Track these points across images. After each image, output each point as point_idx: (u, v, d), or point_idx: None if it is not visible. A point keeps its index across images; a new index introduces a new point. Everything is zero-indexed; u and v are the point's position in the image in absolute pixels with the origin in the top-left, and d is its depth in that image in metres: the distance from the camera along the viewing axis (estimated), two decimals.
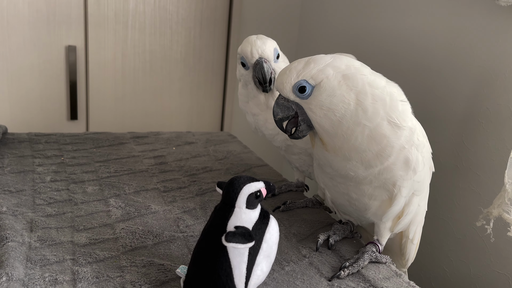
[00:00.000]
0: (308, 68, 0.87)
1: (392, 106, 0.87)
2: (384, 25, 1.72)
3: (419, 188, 0.97)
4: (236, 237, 0.73)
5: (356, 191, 0.95)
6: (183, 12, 2.22)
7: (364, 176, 0.90)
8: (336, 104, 0.86)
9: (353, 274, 0.93)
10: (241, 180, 0.79)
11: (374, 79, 0.88)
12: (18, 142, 1.56)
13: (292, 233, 1.10)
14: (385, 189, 0.93)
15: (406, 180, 0.91)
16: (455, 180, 1.41)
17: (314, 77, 0.86)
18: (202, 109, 2.41)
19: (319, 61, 0.88)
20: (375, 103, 0.86)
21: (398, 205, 0.95)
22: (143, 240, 1.00)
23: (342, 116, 0.86)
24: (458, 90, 1.40)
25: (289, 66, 0.91)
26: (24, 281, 0.82)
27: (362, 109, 0.85)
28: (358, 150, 0.87)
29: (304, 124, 0.91)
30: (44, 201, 1.15)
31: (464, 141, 1.38)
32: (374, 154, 0.87)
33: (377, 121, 0.86)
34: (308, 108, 0.88)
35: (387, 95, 0.87)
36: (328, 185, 1.03)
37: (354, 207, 1.00)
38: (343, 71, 0.87)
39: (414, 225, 1.05)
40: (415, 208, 1.00)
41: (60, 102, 2.11)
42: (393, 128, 0.87)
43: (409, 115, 0.91)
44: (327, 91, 0.86)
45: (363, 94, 0.86)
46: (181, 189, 1.31)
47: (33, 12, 1.95)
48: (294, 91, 0.88)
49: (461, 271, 1.42)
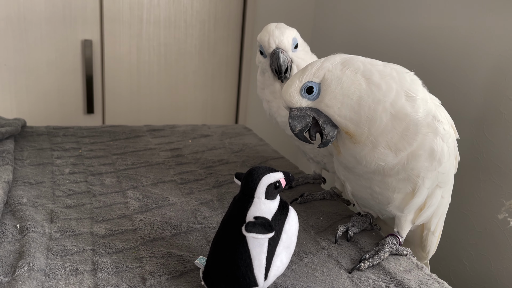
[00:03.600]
0: (306, 71, 0.89)
1: (401, 78, 0.88)
2: (402, 20, 1.69)
3: (443, 179, 0.95)
4: (256, 227, 0.72)
5: (380, 184, 0.94)
6: (198, 5, 2.21)
7: (393, 165, 0.89)
8: (348, 88, 0.86)
9: (373, 266, 0.92)
10: (260, 171, 0.79)
11: (371, 60, 0.90)
12: (36, 135, 1.57)
13: (310, 225, 1.09)
14: (409, 181, 0.92)
15: (431, 171, 0.90)
16: (475, 171, 1.39)
17: (316, 74, 0.88)
18: (216, 102, 2.41)
19: (314, 63, 0.90)
20: (384, 77, 0.87)
21: (420, 196, 0.93)
22: (162, 232, 1.01)
23: (359, 97, 0.86)
24: (478, 80, 1.37)
25: (288, 81, 0.92)
26: (45, 271, 0.83)
27: (375, 86, 0.86)
28: (384, 132, 0.86)
29: (328, 125, 0.89)
30: (63, 193, 1.16)
31: (485, 131, 1.35)
32: (399, 134, 0.86)
33: (392, 95, 0.86)
34: (324, 105, 0.88)
35: (392, 70, 0.88)
36: (350, 179, 1.01)
37: (376, 200, 0.99)
38: (339, 61, 0.89)
39: (436, 217, 1.03)
40: (438, 200, 0.98)
41: (76, 96, 2.13)
42: (409, 102, 0.87)
43: (420, 87, 0.90)
44: (334, 80, 0.87)
45: (369, 71, 0.87)
46: (198, 181, 1.31)
47: (49, 7, 1.97)
48: (303, 95, 0.89)
49: (481, 265, 1.39)
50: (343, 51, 2.00)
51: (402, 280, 0.88)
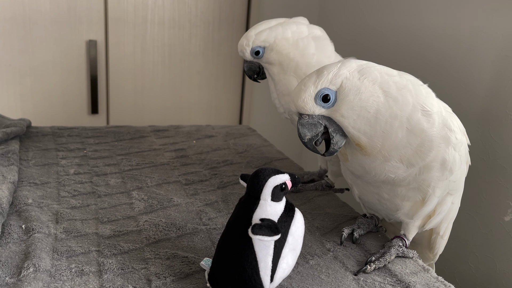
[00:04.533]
0: (322, 76, 0.83)
1: (417, 91, 0.85)
2: (407, 19, 1.68)
3: (454, 187, 0.94)
4: (263, 229, 0.72)
5: (389, 192, 0.92)
6: (202, 6, 2.21)
7: (404, 177, 0.87)
8: (366, 100, 0.82)
9: (379, 268, 0.91)
10: (266, 172, 0.78)
11: (386, 69, 0.86)
12: (41, 135, 1.58)
13: (315, 226, 1.09)
14: (419, 190, 0.90)
15: (441, 180, 0.88)
16: (481, 173, 1.38)
17: (333, 81, 0.83)
18: (220, 103, 2.41)
19: (329, 67, 0.85)
20: (401, 90, 0.83)
21: (430, 205, 0.92)
22: (167, 233, 1.01)
23: (376, 110, 0.82)
24: (484, 81, 1.36)
25: (300, 83, 0.86)
26: (51, 272, 0.83)
27: (393, 99, 0.82)
28: (398, 147, 0.84)
29: (337, 134, 0.86)
30: (68, 193, 1.16)
31: (491, 133, 1.35)
32: (413, 149, 0.84)
33: (409, 110, 0.83)
34: (339, 115, 0.83)
35: (407, 81, 0.85)
36: (357, 184, 1.00)
37: (384, 206, 0.97)
38: (356, 69, 0.84)
39: (446, 222, 1.02)
40: (448, 207, 0.97)
41: (81, 96, 2.13)
42: (425, 116, 0.84)
43: (435, 99, 0.88)
44: (352, 90, 0.82)
45: (386, 83, 0.83)
46: (202, 182, 1.30)
47: (54, 7, 1.97)
48: (318, 103, 0.84)
49: (486, 267, 1.39)
50: (348, 51, 2.00)
51: (408, 282, 0.87)
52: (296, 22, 1.20)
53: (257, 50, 1.17)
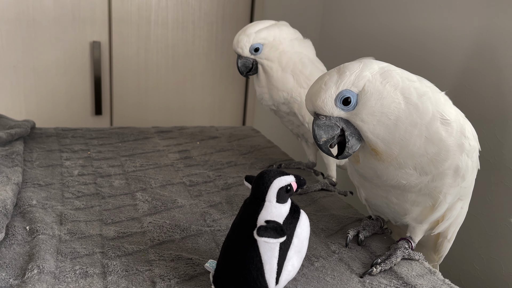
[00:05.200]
0: (345, 76, 0.79)
1: (436, 99, 0.82)
2: (411, 19, 1.67)
3: (465, 193, 0.93)
4: (268, 231, 0.71)
5: (399, 196, 0.91)
6: (205, 7, 2.21)
7: (415, 184, 0.85)
8: (388, 106, 0.79)
9: (385, 270, 0.91)
10: (271, 174, 0.78)
11: (406, 73, 0.84)
12: (45, 136, 1.58)
13: (320, 228, 1.08)
14: (430, 196, 0.89)
15: (453, 187, 0.87)
16: (487, 175, 1.37)
17: (356, 84, 0.79)
18: (224, 104, 2.40)
19: (351, 67, 0.80)
20: (421, 97, 0.80)
21: (440, 211, 0.91)
22: (171, 234, 1.00)
23: (397, 118, 0.79)
24: (489, 82, 1.36)
25: (319, 81, 0.81)
26: (55, 274, 0.83)
27: (413, 106, 0.80)
28: (415, 155, 0.81)
29: (353, 138, 0.82)
30: (72, 195, 1.16)
31: (497, 134, 1.34)
32: (429, 158, 0.82)
33: (428, 118, 0.80)
34: (359, 119, 0.80)
35: (427, 88, 0.83)
36: (365, 186, 0.98)
37: (392, 209, 0.96)
38: (378, 71, 0.80)
39: (454, 226, 1.01)
40: (457, 212, 0.96)
41: (85, 98, 2.13)
42: (444, 125, 0.81)
43: (452, 107, 0.86)
44: (374, 94, 0.79)
45: (407, 90, 0.80)
46: (206, 183, 1.30)
47: (59, 9, 1.98)
48: (338, 105, 0.80)
49: (492, 269, 1.38)
50: (351, 50, 1.98)
51: (414, 285, 0.87)
52: (285, 25, 1.33)
53: (257, 47, 1.28)
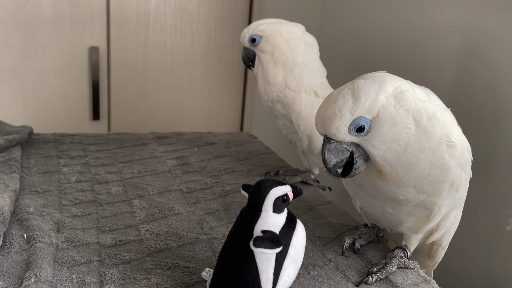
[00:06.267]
0: (360, 103, 0.77)
1: (444, 119, 0.81)
2: (411, 19, 1.68)
3: (458, 203, 0.94)
4: (265, 242, 0.72)
5: (394, 208, 0.92)
6: (204, 12, 2.22)
7: (412, 200, 0.86)
8: (399, 133, 0.78)
9: (381, 279, 0.91)
10: (267, 184, 0.78)
11: (417, 91, 0.81)
12: (43, 142, 1.58)
13: (316, 236, 1.09)
14: (425, 208, 0.90)
15: (448, 199, 0.88)
16: (483, 182, 1.38)
17: (370, 111, 0.77)
18: (222, 109, 2.41)
19: (366, 90, 0.77)
20: (431, 120, 0.79)
21: (435, 222, 0.92)
22: (168, 242, 1.01)
23: (407, 143, 0.78)
24: (486, 90, 1.37)
25: (332, 105, 0.78)
26: (52, 283, 0.83)
27: (423, 131, 0.79)
28: (418, 178, 0.82)
29: (361, 159, 0.82)
30: (70, 202, 1.16)
31: (492, 142, 1.35)
32: (430, 180, 0.82)
33: (436, 142, 0.80)
34: (369, 145, 0.79)
35: (435, 107, 0.81)
36: (360, 196, 0.99)
37: (387, 219, 0.97)
38: (392, 93, 0.78)
39: (448, 234, 1.02)
40: (452, 221, 0.97)
41: (83, 103, 2.14)
42: (449, 148, 0.81)
43: (457, 127, 0.86)
44: (388, 121, 0.77)
45: (418, 112, 0.78)
46: (204, 190, 1.31)
47: (57, 13, 1.98)
48: (351, 133, 0.78)
49: (488, 276, 1.38)
50: (350, 51, 1.98)
51: None
52: (293, 25, 1.37)
53: (254, 38, 1.32)
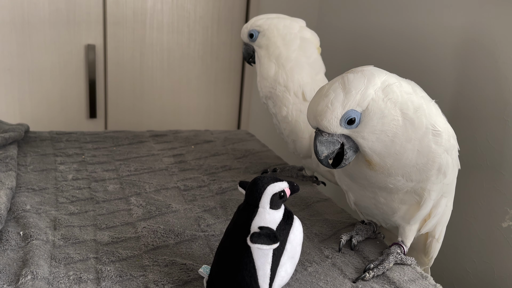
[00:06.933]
0: (351, 96, 0.80)
1: (429, 110, 0.84)
2: (407, 17, 1.69)
3: (448, 189, 0.95)
4: (262, 238, 0.72)
5: (386, 196, 0.94)
6: (201, 11, 2.22)
7: (402, 188, 0.89)
8: (388, 124, 0.81)
9: (378, 276, 0.92)
10: (264, 180, 0.79)
11: (403, 84, 0.84)
12: (40, 140, 1.57)
13: (313, 233, 1.09)
14: (416, 194, 0.92)
15: (436, 184, 0.90)
16: (479, 179, 1.38)
17: (360, 103, 0.80)
18: (219, 107, 2.41)
19: (356, 84, 0.81)
20: (417, 111, 0.82)
21: (426, 208, 0.94)
22: (165, 239, 1.00)
23: (394, 134, 0.82)
24: (481, 87, 1.37)
25: (324, 98, 0.81)
26: (49, 279, 0.83)
27: (409, 122, 0.82)
28: (405, 167, 0.85)
29: (351, 151, 0.85)
30: (66, 199, 1.16)
31: (488, 139, 1.35)
32: (418, 168, 0.85)
33: (422, 132, 0.83)
34: (360, 136, 0.83)
35: (421, 99, 0.84)
36: (353, 189, 1.01)
37: (381, 210, 0.99)
38: (380, 86, 0.82)
39: (441, 225, 1.04)
40: (443, 209, 0.98)
41: (79, 101, 2.13)
42: (435, 137, 0.84)
43: (442, 116, 0.88)
44: (377, 114, 0.80)
45: (405, 104, 0.82)
46: (201, 188, 1.30)
47: (53, 12, 1.97)
48: (342, 125, 0.81)
49: (484, 273, 1.39)
50: (347, 50, 1.98)
51: None
52: (293, 20, 1.35)
53: (251, 33, 1.33)
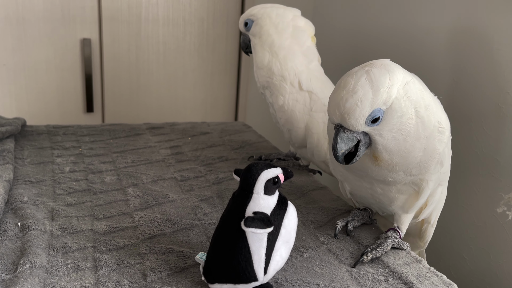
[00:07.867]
0: (379, 95, 0.78)
1: (437, 107, 0.85)
2: (402, 14, 1.69)
3: (444, 178, 0.96)
4: (255, 222, 0.73)
5: (383, 187, 0.94)
6: (196, 3, 2.21)
7: (401, 181, 0.89)
8: (404, 123, 0.81)
9: (372, 260, 0.92)
10: (258, 166, 0.79)
11: (416, 82, 0.83)
12: (37, 134, 1.58)
13: (309, 220, 1.10)
14: (413, 184, 0.92)
15: (434, 174, 0.90)
16: (474, 166, 1.39)
17: (386, 102, 0.79)
18: (216, 100, 2.41)
19: (383, 81, 0.78)
20: (427, 109, 0.82)
21: (424, 197, 0.94)
22: (162, 228, 1.01)
23: (407, 133, 0.81)
24: (476, 75, 1.38)
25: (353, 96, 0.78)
26: (47, 268, 0.84)
27: (420, 120, 0.81)
28: (409, 164, 0.85)
29: (364, 147, 0.83)
30: (64, 191, 1.17)
31: (483, 126, 1.36)
32: (420, 165, 0.85)
33: (430, 130, 0.83)
34: (378, 134, 0.81)
35: (429, 95, 0.84)
36: (349, 179, 1.00)
37: (377, 200, 0.99)
38: (402, 84, 0.80)
39: (436, 211, 1.05)
40: (439, 197, 0.99)
41: (76, 95, 2.13)
42: (440, 134, 0.84)
43: (443, 113, 0.88)
44: (398, 112, 0.80)
45: (419, 102, 0.81)
46: (197, 178, 1.31)
47: (48, 6, 1.97)
48: (367, 123, 0.80)
49: (481, 259, 1.40)
50: (342, 47, 1.99)
51: (401, 273, 0.88)
52: (286, 9, 1.35)
53: (246, 22, 1.34)
